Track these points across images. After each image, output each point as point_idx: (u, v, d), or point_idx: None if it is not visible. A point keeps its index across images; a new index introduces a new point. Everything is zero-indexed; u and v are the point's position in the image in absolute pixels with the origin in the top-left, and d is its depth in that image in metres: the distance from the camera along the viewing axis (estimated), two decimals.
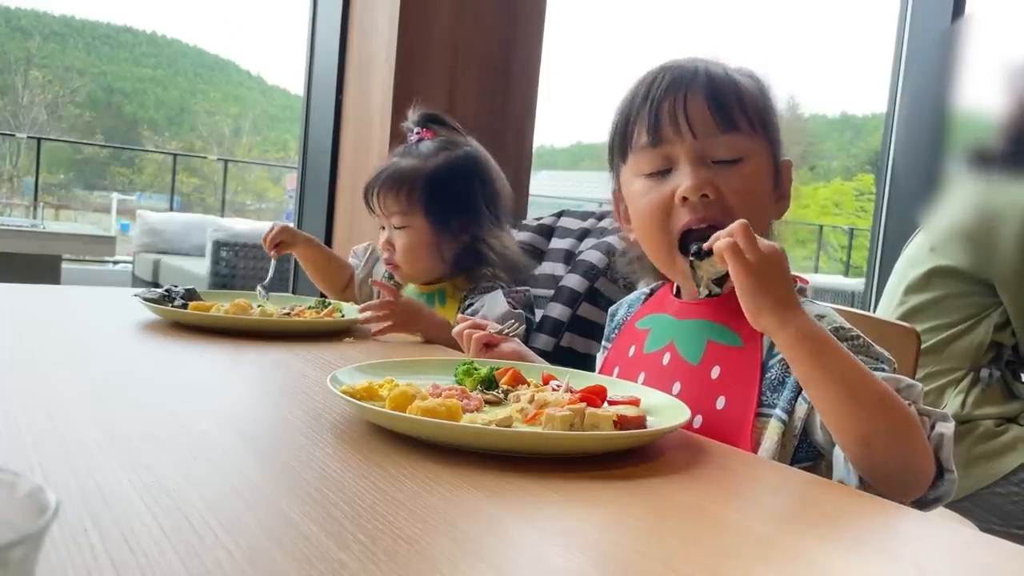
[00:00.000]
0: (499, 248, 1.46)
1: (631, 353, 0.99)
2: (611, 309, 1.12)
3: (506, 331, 1.14)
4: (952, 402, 1.60)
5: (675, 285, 1.00)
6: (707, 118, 0.88)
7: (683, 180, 0.88)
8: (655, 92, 0.90)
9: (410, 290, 1.56)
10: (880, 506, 0.64)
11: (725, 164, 0.89)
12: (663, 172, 0.90)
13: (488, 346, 1.08)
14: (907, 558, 0.55)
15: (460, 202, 1.45)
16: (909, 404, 0.76)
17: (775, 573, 0.49)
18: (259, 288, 1.47)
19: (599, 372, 1.04)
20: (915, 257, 1.70)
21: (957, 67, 1.55)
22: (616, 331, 1.07)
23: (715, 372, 0.89)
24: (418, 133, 1.50)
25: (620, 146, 0.95)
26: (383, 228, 1.51)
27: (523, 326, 1.30)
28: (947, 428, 0.77)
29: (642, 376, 0.95)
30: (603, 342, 1.11)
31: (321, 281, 1.63)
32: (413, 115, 1.53)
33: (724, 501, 0.62)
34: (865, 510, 0.64)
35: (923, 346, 1.20)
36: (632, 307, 1.07)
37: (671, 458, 0.71)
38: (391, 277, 1.64)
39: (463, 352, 1.10)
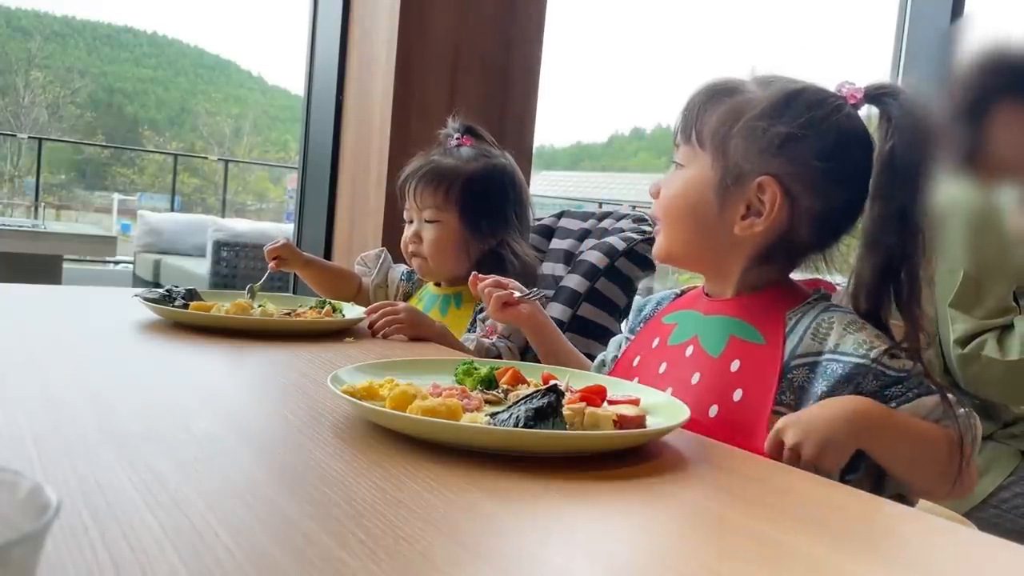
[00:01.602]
0: (521, 255, 1.51)
1: (654, 344, 1.03)
2: (638, 302, 1.16)
3: (529, 297, 1.18)
4: None
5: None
6: (680, 128, 1.01)
7: None
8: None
9: (428, 291, 1.57)
10: (881, 506, 0.64)
11: (676, 167, 1.01)
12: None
13: (507, 305, 1.16)
14: (907, 558, 0.55)
15: (492, 208, 1.52)
16: (948, 426, 0.86)
17: (775, 573, 0.49)
18: (249, 287, 1.49)
19: (617, 360, 1.08)
20: None
21: (957, 67, 1.54)
22: (642, 324, 1.09)
23: (735, 365, 0.92)
24: (458, 139, 1.57)
25: None
26: (410, 222, 1.54)
27: (547, 295, 1.31)
28: (976, 426, 0.88)
29: (663, 366, 0.98)
30: (626, 333, 1.14)
31: (330, 295, 1.63)
32: (454, 123, 1.60)
33: (724, 501, 0.62)
34: (865, 510, 0.64)
35: None
36: (661, 304, 1.10)
37: (671, 458, 0.71)
38: (411, 277, 1.64)
39: (462, 353, 1.10)
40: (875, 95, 0.93)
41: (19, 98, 26.22)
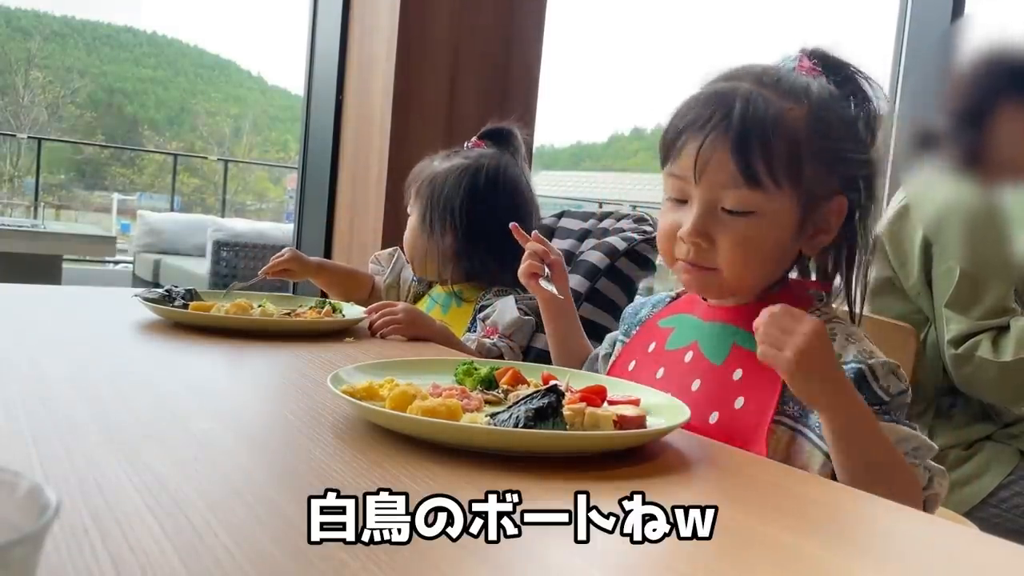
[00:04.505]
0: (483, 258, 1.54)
1: (651, 349, 1.01)
2: (631, 307, 1.13)
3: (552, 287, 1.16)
4: None
5: None
6: (727, 171, 0.86)
7: (686, 220, 0.89)
8: (685, 123, 0.89)
9: (436, 291, 1.58)
10: (881, 507, 0.64)
11: (732, 214, 0.88)
12: (681, 201, 0.91)
13: (534, 275, 1.12)
14: (907, 558, 0.55)
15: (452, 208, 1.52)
16: (916, 464, 0.82)
17: (775, 573, 0.49)
18: (234, 284, 1.48)
19: (612, 364, 1.06)
20: None
21: (957, 67, 1.54)
22: (636, 327, 1.07)
23: (737, 374, 0.90)
24: (472, 142, 1.60)
25: (662, 156, 0.95)
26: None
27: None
28: (942, 487, 0.84)
29: (661, 371, 0.97)
30: (620, 336, 1.11)
31: (343, 297, 1.62)
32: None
33: (724, 502, 0.62)
34: (866, 510, 0.64)
35: None
36: (656, 307, 1.08)
37: (671, 458, 0.71)
38: (422, 279, 1.65)
39: (462, 353, 1.10)
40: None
41: (19, 98, 26.19)
